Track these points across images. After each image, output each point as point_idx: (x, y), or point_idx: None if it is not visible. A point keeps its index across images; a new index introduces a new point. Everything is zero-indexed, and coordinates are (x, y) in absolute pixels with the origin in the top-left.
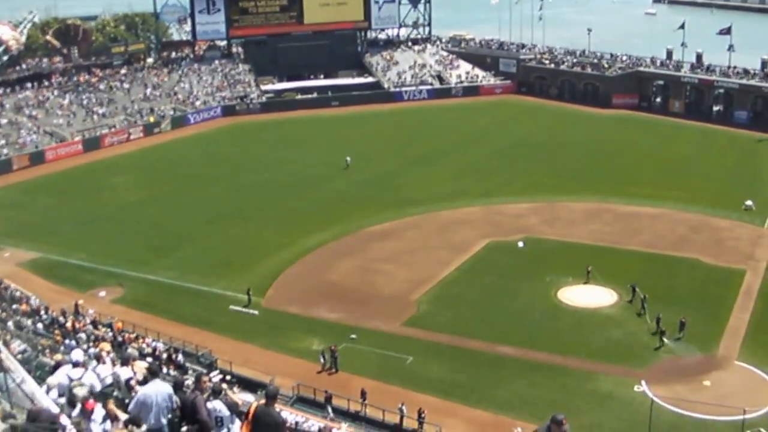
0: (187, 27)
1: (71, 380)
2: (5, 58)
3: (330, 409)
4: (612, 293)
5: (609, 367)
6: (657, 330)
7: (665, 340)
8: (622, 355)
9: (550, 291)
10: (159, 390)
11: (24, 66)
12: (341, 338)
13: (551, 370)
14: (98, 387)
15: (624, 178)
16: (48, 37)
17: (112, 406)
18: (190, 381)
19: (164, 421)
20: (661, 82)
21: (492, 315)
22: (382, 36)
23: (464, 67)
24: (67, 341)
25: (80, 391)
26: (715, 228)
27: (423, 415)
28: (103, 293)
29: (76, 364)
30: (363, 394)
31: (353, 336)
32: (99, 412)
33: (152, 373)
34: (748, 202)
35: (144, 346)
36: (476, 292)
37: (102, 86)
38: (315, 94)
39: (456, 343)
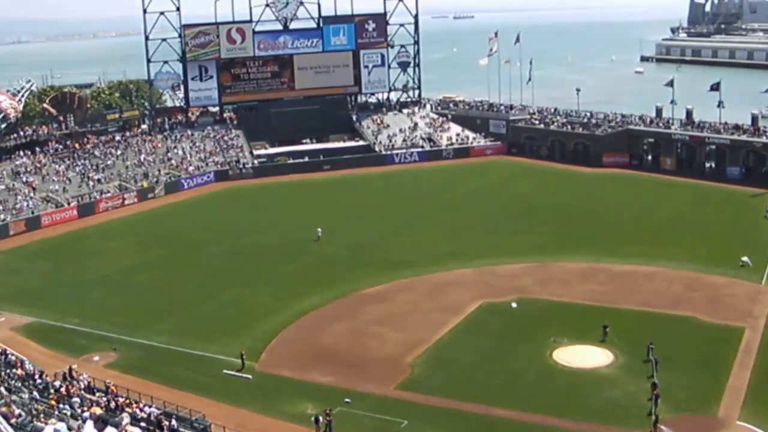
0: (181, 93)
1: None
2: (3, 125)
3: None
4: (608, 354)
5: (606, 429)
6: (651, 396)
7: None
8: (620, 417)
9: (545, 352)
10: None
11: (21, 133)
12: (335, 402)
13: None
14: None
15: (617, 237)
16: (45, 105)
17: None
18: None
19: None
20: (651, 140)
21: (486, 377)
22: (373, 100)
23: (454, 128)
24: (61, 406)
25: None
26: (712, 285)
27: None
28: (96, 358)
29: None
30: None
31: (347, 400)
32: None
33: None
34: (745, 258)
35: (137, 411)
36: (470, 354)
37: (97, 152)
38: (307, 158)
39: (450, 406)
